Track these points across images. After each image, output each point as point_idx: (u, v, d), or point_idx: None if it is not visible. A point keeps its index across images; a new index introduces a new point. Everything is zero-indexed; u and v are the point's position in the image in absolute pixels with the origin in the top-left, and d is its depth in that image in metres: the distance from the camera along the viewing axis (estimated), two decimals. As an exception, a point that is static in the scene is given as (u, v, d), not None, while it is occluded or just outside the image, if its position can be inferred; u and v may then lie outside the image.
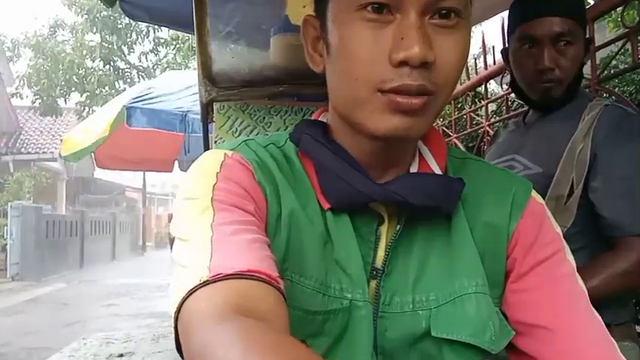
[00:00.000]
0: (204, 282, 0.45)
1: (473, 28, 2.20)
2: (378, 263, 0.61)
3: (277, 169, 0.62)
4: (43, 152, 15.42)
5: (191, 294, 0.45)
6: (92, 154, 5.13)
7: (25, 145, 15.80)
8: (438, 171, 0.64)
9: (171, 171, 5.99)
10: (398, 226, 0.61)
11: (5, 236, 12.04)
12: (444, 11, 0.54)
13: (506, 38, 1.36)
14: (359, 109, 0.56)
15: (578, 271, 1.07)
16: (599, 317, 0.60)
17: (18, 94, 14.86)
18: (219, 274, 0.45)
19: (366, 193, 0.58)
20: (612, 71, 2.09)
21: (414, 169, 0.65)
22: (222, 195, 0.55)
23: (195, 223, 0.53)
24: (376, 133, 0.56)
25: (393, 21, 0.53)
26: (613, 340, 0.59)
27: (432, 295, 0.60)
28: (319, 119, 0.69)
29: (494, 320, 0.61)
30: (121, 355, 4.76)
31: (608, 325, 1.25)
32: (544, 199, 1.21)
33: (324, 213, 0.61)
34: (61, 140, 5.16)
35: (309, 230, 0.59)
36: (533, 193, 0.67)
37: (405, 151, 0.64)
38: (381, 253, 0.61)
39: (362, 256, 0.60)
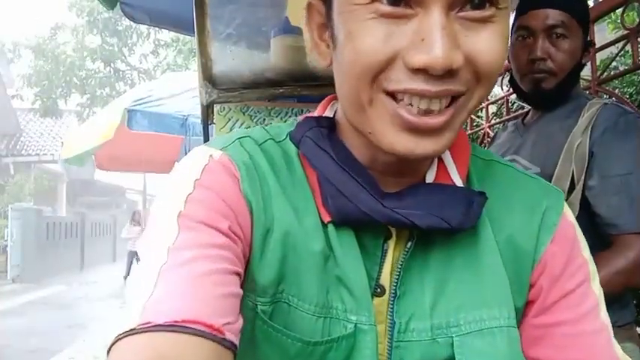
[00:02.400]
0: (132, 330, 0.41)
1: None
2: (383, 281, 0.55)
3: (272, 175, 0.55)
4: (44, 154, 15.41)
5: (119, 339, 0.41)
6: (92, 156, 5.14)
7: (25, 146, 15.80)
8: (458, 180, 0.56)
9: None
10: (409, 243, 0.54)
11: (6, 238, 12.03)
12: (477, 1, 0.44)
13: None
14: (364, 115, 0.49)
15: None
16: (619, 351, 0.56)
17: (18, 96, 14.88)
18: (148, 323, 0.41)
19: (369, 214, 0.51)
20: (612, 72, 2.09)
21: (430, 176, 0.57)
22: (192, 209, 0.49)
23: (154, 243, 0.48)
24: (390, 151, 0.48)
25: (412, 17, 0.44)
26: None
27: (452, 320, 0.53)
28: (325, 114, 0.61)
29: (522, 356, 0.54)
30: (122, 357, 4.75)
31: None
32: None
33: (326, 225, 0.54)
34: (62, 143, 5.16)
35: (307, 246, 0.53)
36: (565, 209, 0.59)
37: (423, 161, 0.56)
38: (386, 269, 0.55)
39: (367, 273, 0.54)
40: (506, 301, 0.54)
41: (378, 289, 0.55)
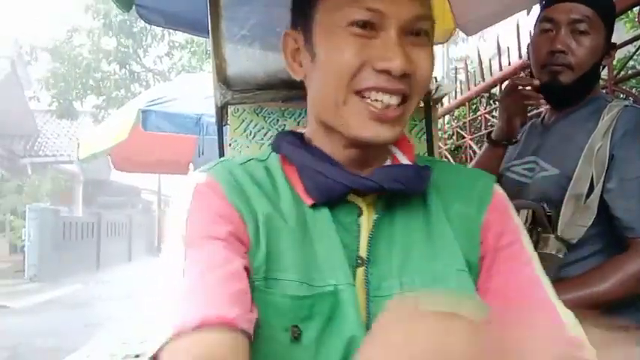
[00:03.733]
0: (173, 336, 0.52)
1: (488, 30, 2.20)
2: (362, 252, 0.66)
3: (250, 183, 0.67)
4: (61, 155, 15.61)
5: (162, 348, 0.52)
6: (109, 156, 5.20)
7: (42, 147, 16.01)
8: (408, 163, 0.72)
9: (186, 173, 6.02)
10: (375, 216, 0.68)
11: (23, 238, 12.21)
12: (418, 32, 0.64)
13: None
14: (338, 113, 0.64)
15: (591, 274, 1.06)
16: (555, 301, 0.64)
17: (36, 98, 15.09)
18: (185, 328, 0.52)
19: (344, 182, 0.65)
20: (629, 72, 2.06)
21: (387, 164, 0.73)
22: (193, 229, 0.62)
23: (170, 267, 0.60)
24: (361, 138, 0.64)
25: (377, 37, 0.63)
26: (564, 323, 0.61)
27: (416, 277, 0.65)
28: (296, 131, 0.76)
29: (475, 296, 0.65)
30: (137, 356, 4.79)
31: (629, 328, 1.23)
32: (563, 199, 1.20)
33: (304, 210, 0.67)
34: (78, 144, 5.22)
35: (286, 230, 0.65)
36: (495, 186, 0.74)
37: (379, 153, 0.71)
38: (363, 242, 0.67)
39: (346, 246, 0.65)
40: (453, 253, 0.67)
41: (359, 260, 0.66)
